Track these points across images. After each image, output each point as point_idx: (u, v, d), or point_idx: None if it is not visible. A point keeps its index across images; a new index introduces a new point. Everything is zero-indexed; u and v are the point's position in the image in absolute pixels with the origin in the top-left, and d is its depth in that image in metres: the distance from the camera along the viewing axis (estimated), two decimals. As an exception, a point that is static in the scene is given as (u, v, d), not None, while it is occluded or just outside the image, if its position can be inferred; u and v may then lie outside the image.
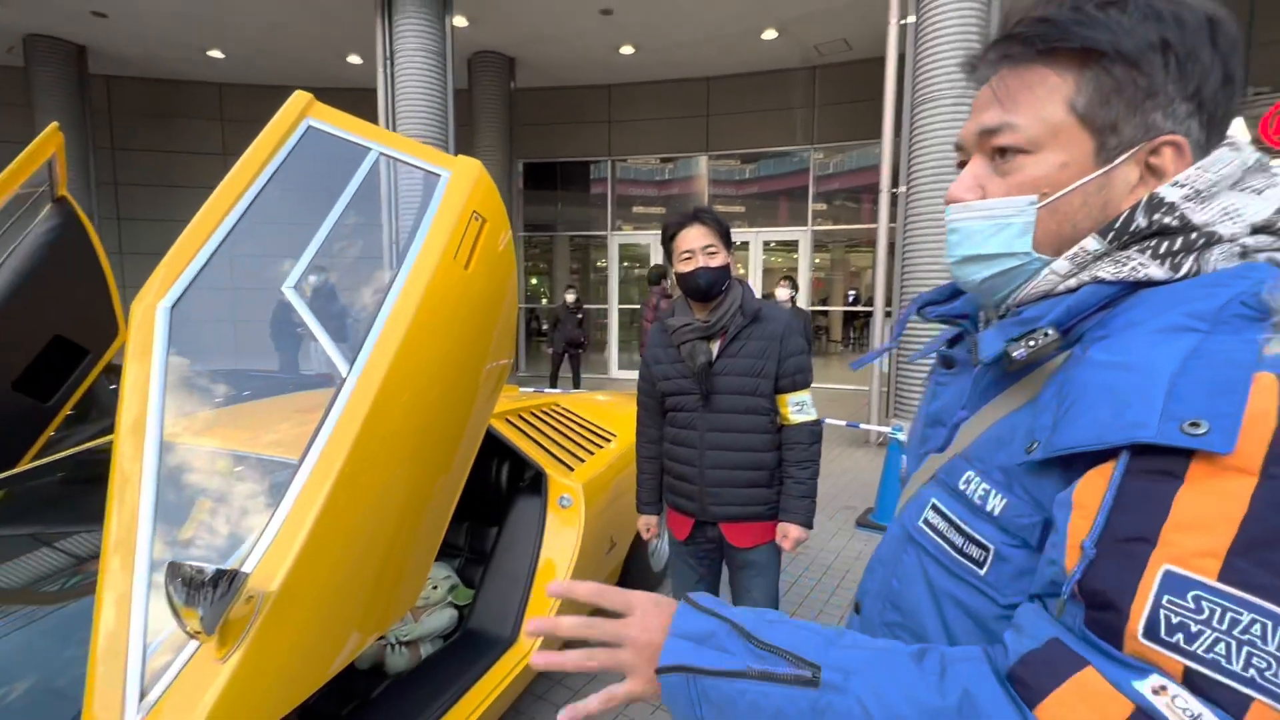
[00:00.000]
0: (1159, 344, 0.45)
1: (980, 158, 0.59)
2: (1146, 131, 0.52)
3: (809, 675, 0.48)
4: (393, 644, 2.01)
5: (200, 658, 0.96)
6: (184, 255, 1.26)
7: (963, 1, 5.37)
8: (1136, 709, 0.38)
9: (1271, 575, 0.37)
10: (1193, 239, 0.50)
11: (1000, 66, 0.57)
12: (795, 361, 1.73)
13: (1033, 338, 0.51)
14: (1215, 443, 0.39)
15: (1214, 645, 0.37)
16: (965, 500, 0.56)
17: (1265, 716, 0.36)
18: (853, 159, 9.79)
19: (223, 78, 10.61)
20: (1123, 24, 0.51)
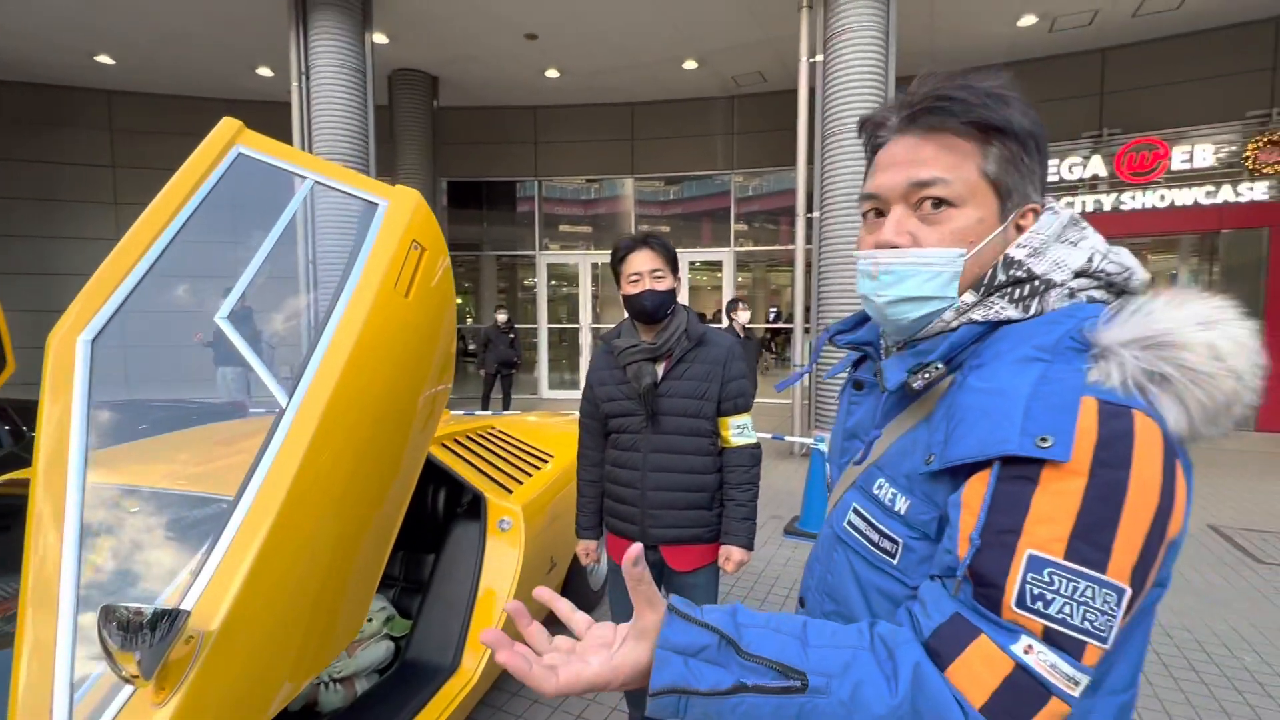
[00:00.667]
0: (1017, 373, 0.58)
1: (903, 208, 0.67)
2: (1024, 198, 0.66)
3: (798, 685, 0.54)
4: (326, 682, 1.94)
5: (136, 703, 0.93)
6: (105, 286, 1.21)
7: (864, 46, 5.85)
8: (1016, 666, 0.52)
9: (1098, 551, 0.52)
10: (1036, 285, 0.64)
11: (911, 132, 0.66)
12: (737, 385, 1.81)
13: (927, 370, 0.63)
14: (1058, 453, 0.53)
15: (1063, 608, 0.52)
16: (879, 503, 0.68)
17: (1094, 653, 0.52)
18: (770, 183, 10.31)
19: (113, 84, 9.84)
20: (1014, 113, 0.64)
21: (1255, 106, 7.64)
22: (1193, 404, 0.54)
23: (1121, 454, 0.52)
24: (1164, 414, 0.55)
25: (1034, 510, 0.53)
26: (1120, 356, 0.55)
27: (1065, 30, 7.89)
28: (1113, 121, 8.26)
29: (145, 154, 10.13)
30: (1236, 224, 7.60)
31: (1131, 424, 0.53)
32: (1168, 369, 0.55)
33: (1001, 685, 0.52)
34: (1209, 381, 0.54)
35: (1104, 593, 0.51)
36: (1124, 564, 0.52)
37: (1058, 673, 0.51)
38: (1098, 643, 0.52)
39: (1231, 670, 2.63)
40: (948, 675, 0.53)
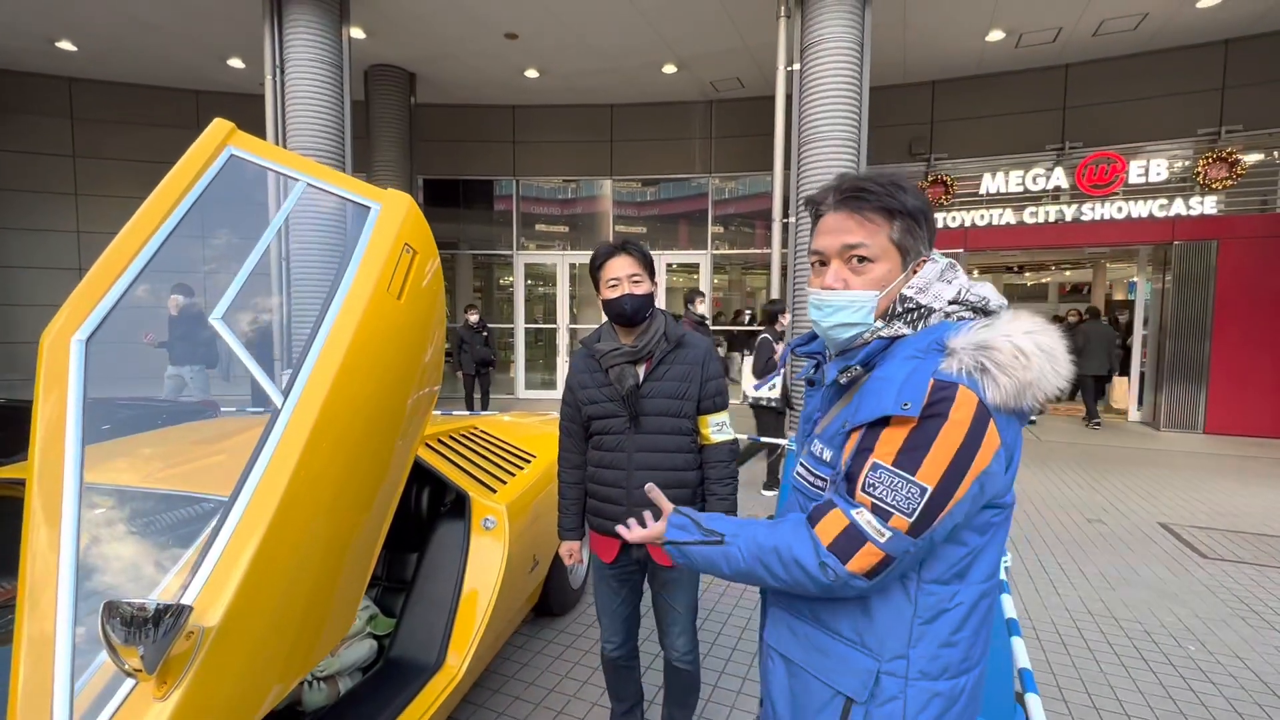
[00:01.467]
0: (899, 367, 0.90)
1: (838, 262, 0.99)
2: (916, 254, 0.98)
3: (720, 540, 1.00)
4: (310, 680, 1.95)
5: (138, 697, 0.94)
6: (98, 286, 1.22)
7: (839, 57, 5.99)
8: (850, 522, 0.88)
9: (912, 463, 0.85)
10: (921, 311, 0.95)
11: (841, 209, 0.98)
12: (715, 384, 1.88)
13: (850, 370, 0.96)
14: (913, 411, 0.85)
15: (883, 492, 0.87)
16: (815, 458, 1.03)
17: (900, 520, 0.85)
18: (747, 186, 10.45)
19: (74, 72, 9.51)
20: (909, 198, 0.96)
21: (1205, 124, 8.03)
22: (1004, 385, 0.84)
23: (940, 409, 0.84)
24: (985, 390, 0.85)
25: (882, 438, 0.88)
26: (960, 354, 0.86)
27: (1030, 46, 8.18)
28: (1074, 135, 8.60)
29: (108, 144, 9.82)
30: (1188, 236, 7.97)
31: (954, 393, 0.85)
32: (986, 362, 0.85)
33: (841, 532, 0.88)
34: (1011, 370, 0.84)
35: (909, 486, 0.85)
36: (929, 473, 0.84)
37: (872, 527, 0.86)
38: (902, 514, 0.85)
39: (1178, 659, 2.79)
40: (815, 529, 0.91)
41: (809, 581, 0.90)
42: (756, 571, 0.95)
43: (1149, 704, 2.46)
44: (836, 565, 0.88)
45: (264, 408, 1.22)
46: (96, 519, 1.11)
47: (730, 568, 0.98)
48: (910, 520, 0.84)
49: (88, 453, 1.19)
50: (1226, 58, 8.05)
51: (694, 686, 2.07)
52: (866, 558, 0.86)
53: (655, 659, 2.68)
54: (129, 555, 1.14)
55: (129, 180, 9.73)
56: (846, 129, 6.05)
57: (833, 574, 0.88)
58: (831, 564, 0.88)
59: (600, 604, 2.02)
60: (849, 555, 0.87)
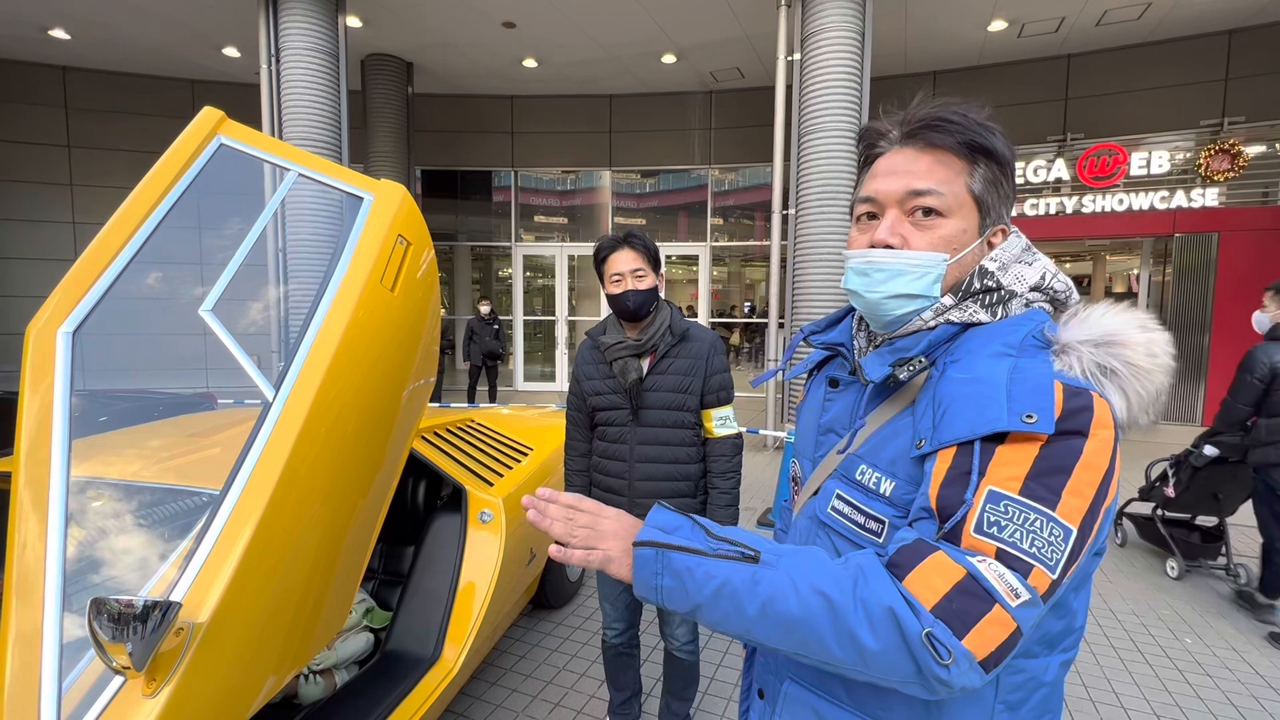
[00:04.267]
0: (992, 365, 0.67)
1: (897, 212, 0.74)
2: (999, 218, 0.75)
3: (753, 555, 0.65)
4: (306, 674, 1.94)
5: (126, 694, 0.93)
6: (85, 278, 1.19)
7: (840, 47, 5.94)
8: (968, 573, 0.58)
9: (1050, 492, 0.60)
10: (1002, 294, 0.74)
11: (911, 145, 0.74)
12: (719, 379, 1.87)
13: (911, 364, 0.71)
14: (1043, 427, 0.61)
15: (1014, 533, 0.59)
16: (862, 487, 0.73)
17: (1041, 576, 0.58)
18: (746, 178, 10.39)
19: (68, 60, 9.41)
20: (999, 140, 0.73)
21: (1208, 116, 7.98)
22: (1133, 394, 0.65)
23: (1080, 423, 0.61)
24: (1114, 400, 0.64)
25: (997, 458, 0.62)
26: (1079, 351, 0.66)
27: (1033, 36, 8.11)
28: (1076, 126, 8.54)
29: (103, 134, 9.74)
30: (1189, 228, 7.94)
31: (1091, 401, 0.62)
32: (1115, 364, 0.65)
33: (952, 589, 0.58)
34: (1145, 375, 0.65)
35: (1051, 527, 0.59)
36: (1072, 508, 0.59)
37: (1004, 582, 0.57)
38: (1045, 568, 0.58)
39: (1174, 651, 2.80)
40: (905, 584, 0.59)
41: (878, 662, 0.58)
42: (799, 631, 0.60)
43: (1144, 695, 2.47)
44: (949, 639, 0.56)
45: (256, 400, 1.20)
46: (85, 514, 1.10)
47: (755, 610, 0.62)
48: (1054, 577, 0.58)
49: (78, 446, 1.17)
50: (1230, 48, 7.99)
51: (693, 678, 2.07)
52: (991, 630, 0.56)
53: (653, 650, 2.69)
54: (118, 550, 1.12)
55: (124, 170, 9.66)
56: (847, 120, 6.01)
57: (946, 653, 0.56)
58: (942, 638, 0.56)
59: (603, 591, 2.03)
60: (966, 624, 0.56)
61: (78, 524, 1.09)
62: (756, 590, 0.62)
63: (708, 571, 0.64)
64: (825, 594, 0.60)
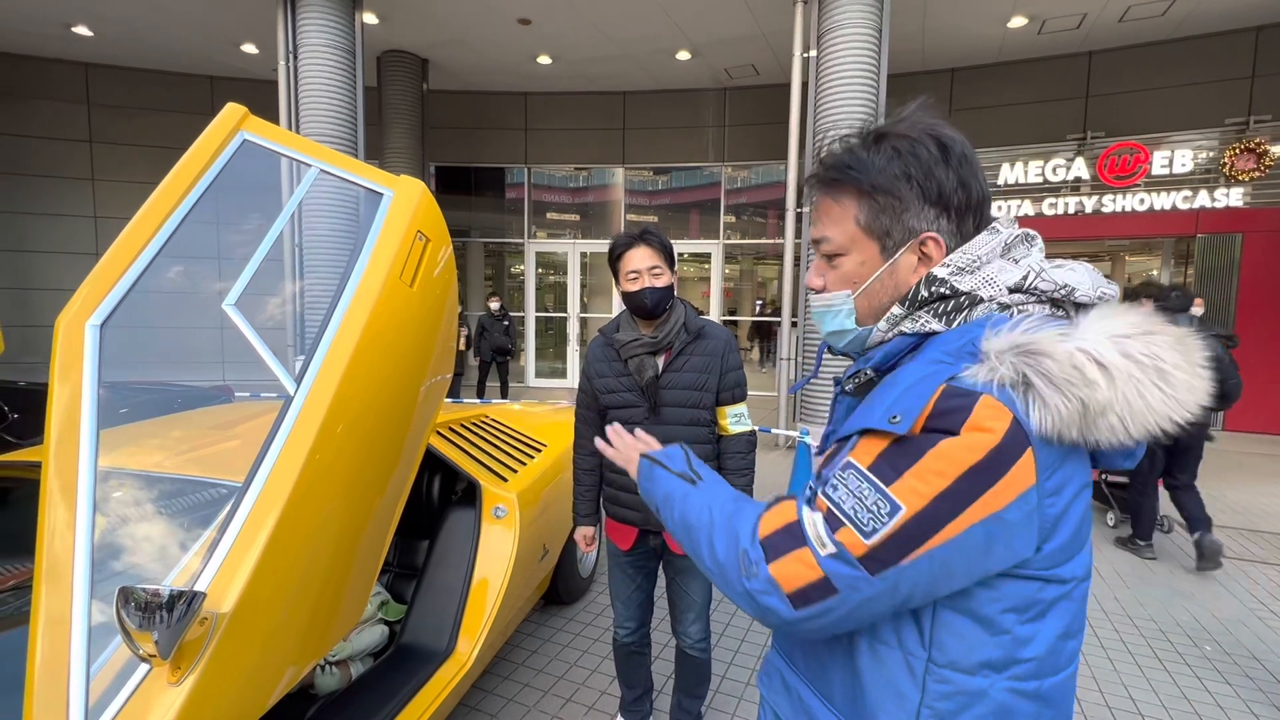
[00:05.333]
0: (916, 371, 0.69)
1: (818, 257, 0.82)
2: (909, 233, 0.74)
3: (693, 480, 0.85)
4: (322, 664, 1.96)
5: (152, 681, 0.95)
6: (112, 271, 1.21)
7: (857, 44, 5.89)
8: (797, 519, 0.69)
9: (891, 471, 0.64)
10: (960, 301, 0.72)
11: (813, 192, 0.81)
12: (734, 376, 1.87)
13: (859, 375, 0.78)
14: (901, 428, 0.64)
15: (843, 498, 0.66)
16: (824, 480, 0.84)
17: (851, 535, 0.64)
18: (760, 175, 10.34)
19: (90, 57, 9.56)
20: (876, 164, 0.73)
21: (1234, 114, 7.82)
22: (1054, 407, 0.61)
23: (948, 423, 0.62)
24: (1030, 412, 0.62)
25: (864, 441, 0.68)
26: (993, 361, 0.63)
27: (1053, 33, 7.99)
28: (1096, 125, 8.41)
29: (123, 129, 9.88)
30: (1212, 228, 7.80)
31: (972, 403, 0.62)
32: (1031, 374, 0.61)
33: (781, 527, 0.70)
34: (1068, 388, 0.60)
35: (877, 498, 0.63)
36: (910, 489, 0.62)
37: (815, 529, 0.67)
38: (857, 531, 0.64)
39: (1193, 658, 2.76)
40: (760, 519, 0.73)
41: (725, 570, 0.73)
42: (695, 534, 0.78)
43: (1164, 704, 2.44)
44: (760, 560, 0.69)
45: (277, 394, 1.21)
46: (112, 503, 1.12)
47: (679, 513, 0.82)
48: (867, 543, 0.63)
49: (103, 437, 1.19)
50: (1257, 45, 7.83)
51: (705, 675, 2.07)
52: (796, 567, 0.66)
53: (665, 647, 2.69)
54: (144, 539, 1.14)
55: (144, 165, 9.79)
56: (863, 117, 5.95)
57: (752, 570, 0.69)
58: (755, 556, 0.69)
59: (614, 589, 2.03)
60: (777, 554, 0.68)
61: (105, 513, 1.11)
62: (684, 502, 0.83)
63: (665, 484, 0.87)
64: (712, 513, 0.78)
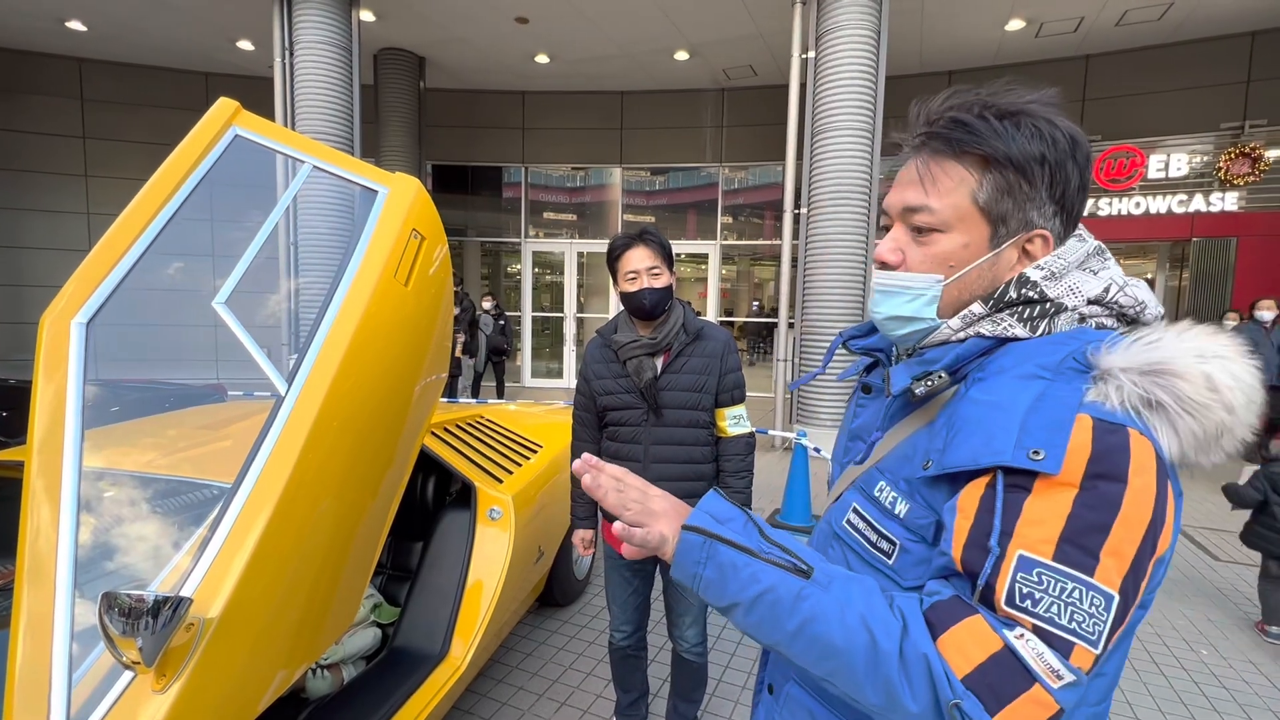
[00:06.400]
0: (1018, 389, 0.60)
1: (902, 226, 0.71)
2: (1026, 225, 0.67)
3: (805, 569, 0.61)
4: (314, 668, 1.94)
5: (136, 689, 0.93)
6: (99, 268, 1.19)
7: (856, 45, 5.89)
8: (1004, 646, 0.54)
9: (1087, 556, 0.54)
10: (1046, 308, 0.66)
11: (921, 152, 0.69)
12: (733, 378, 1.85)
13: (930, 379, 0.66)
14: (1048, 466, 0.55)
15: (1050, 606, 0.54)
16: (879, 504, 0.70)
17: (1083, 654, 0.53)
18: (757, 176, 10.34)
19: (84, 52, 9.48)
20: (1017, 139, 0.64)
21: (1229, 118, 7.86)
22: (1185, 432, 0.56)
23: (1116, 467, 0.54)
24: (1160, 438, 0.56)
25: (1025, 514, 0.55)
26: (1119, 380, 0.57)
27: (1051, 36, 8.01)
28: (1093, 128, 8.43)
29: (117, 125, 9.82)
30: (1206, 233, 7.83)
31: (1127, 440, 0.55)
32: (1164, 396, 0.56)
33: (987, 661, 0.53)
34: (1202, 411, 0.56)
35: (1091, 596, 0.53)
36: (1112, 570, 0.53)
37: (1043, 662, 0.53)
38: (1086, 644, 0.53)
39: (1189, 662, 2.75)
40: (938, 644, 0.55)
41: None
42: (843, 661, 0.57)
43: (1160, 708, 2.43)
44: (978, 715, 0.52)
45: (270, 394, 1.19)
46: (97, 505, 1.09)
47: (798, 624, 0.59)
48: (1096, 652, 0.53)
49: (90, 436, 1.17)
50: (1253, 50, 7.86)
51: (702, 679, 2.05)
52: (1029, 710, 0.52)
53: (661, 651, 2.67)
54: (129, 541, 1.12)
55: (138, 161, 9.72)
56: (861, 119, 5.95)
57: None
58: (972, 711, 0.53)
59: (611, 592, 2.01)
60: (1000, 701, 0.52)
61: (90, 514, 1.08)
62: (800, 607, 0.59)
63: (754, 574, 0.61)
64: (872, 633, 0.57)
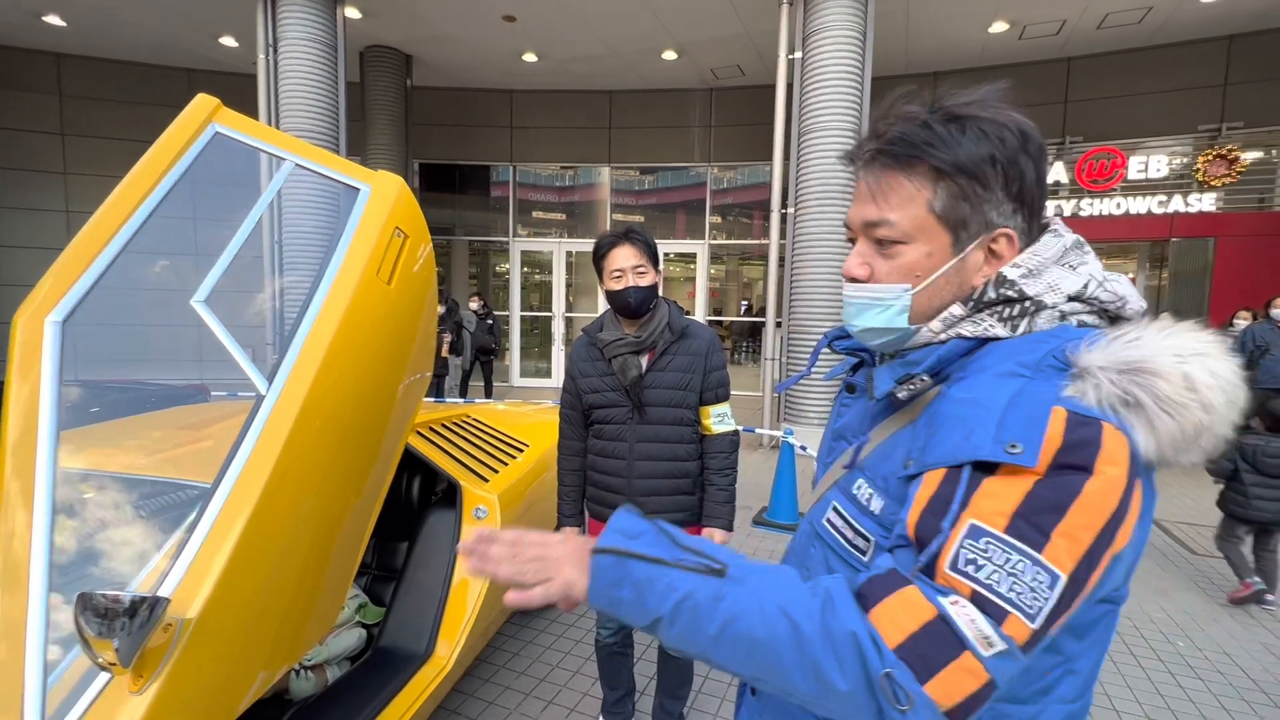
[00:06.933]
0: (997, 386, 0.61)
1: (866, 240, 0.71)
2: (987, 226, 0.67)
3: (719, 569, 0.60)
4: (297, 669, 1.93)
5: (113, 690, 0.92)
6: (74, 266, 1.17)
7: (841, 46, 5.93)
8: (938, 614, 0.54)
9: (1038, 533, 0.54)
10: (1026, 306, 0.66)
11: (872, 168, 0.69)
12: (718, 376, 1.87)
13: (913, 381, 0.66)
14: (1025, 460, 0.55)
15: (992, 574, 0.54)
16: (857, 502, 0.71)
17: (1018, 624, 0.53)
18: (746, 176, 10.38)
19: (63, 47, 9.32)
20: (963, 143, 0.65)
21: (1206, 120, 8.00)
22: (1162, 431, 0.56)
23: (1083, 458, 0.55)
24: (1137, 435, 0.56)
25: (984, 488, 0.56)
26: (1098, 379, 0.57)
27: (1034, 38, 8.11)
28: (1075, 129, 8.55)
29: (97, 122, 9.66)
30: (1185, 233, 7.97)
31: (1099, 433, 0.55)
32: (1142, 395, 0.56)
33: (919, 630, 0.53)
34: (1180, 411, 0.56)
35: (1036, 570, 0.53)
36: (1063, 552, 0.53)
37: (975, 628, 0.52)
38: (1024, 616, 0.53)
39: (1166, 654, 2.81)
40: (870, 616, 0.55)
41: (842, 701, 0.55)
42: (769, 653, 0.57)
43: (1137, 699, 2.48)
44: (909, 684, 0.52)
45: (250, 393, 1.18)
46: (73, 506, 1.08)
47: (719, 625, 0.58)
48: (1034, 627, 0.53)
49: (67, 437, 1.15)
50: (1229, 54, 8.01)
51: (687, 676, 2.07)
52: (958, 678, 0.52)
53: (648, 648, 2.68)
54: (106, 543, 1.11)
55: (119, 159, 9.57)
56: (848, 119, 5.99)
57: (904, 697, 0.52)
58: (903, 679, 0.52)
59: None
60: (931, 669, 0.52)
61: (65, 516, 1.07)
62: (719, 608, 0.58)
63: (670, 583, 0.59)
64: (792, 619, 0.56)
